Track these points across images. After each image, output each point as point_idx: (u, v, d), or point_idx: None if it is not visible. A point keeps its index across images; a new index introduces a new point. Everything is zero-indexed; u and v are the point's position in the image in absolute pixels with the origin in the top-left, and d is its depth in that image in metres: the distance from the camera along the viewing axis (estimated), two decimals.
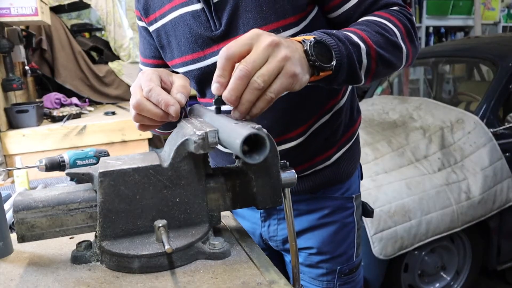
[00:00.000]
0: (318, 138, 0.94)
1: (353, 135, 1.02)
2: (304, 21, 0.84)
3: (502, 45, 2.81)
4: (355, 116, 1.03)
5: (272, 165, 0.64)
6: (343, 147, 0.99)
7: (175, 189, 0.63)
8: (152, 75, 0.75)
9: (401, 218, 2.00)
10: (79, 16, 4.15)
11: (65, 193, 0.63)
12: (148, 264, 0.59)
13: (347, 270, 1.03)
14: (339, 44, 0.70)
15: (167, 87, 0.77)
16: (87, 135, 2.52)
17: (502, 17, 6.23)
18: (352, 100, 1.02)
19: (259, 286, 0.55)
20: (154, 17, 0.94)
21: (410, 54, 0.84)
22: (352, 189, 1.03)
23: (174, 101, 0.71)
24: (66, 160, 1.14)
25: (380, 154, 2.26)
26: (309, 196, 0.99)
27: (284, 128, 0.91)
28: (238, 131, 0.54)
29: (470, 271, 2.38)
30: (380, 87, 3.40)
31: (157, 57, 1.02)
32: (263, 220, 1.03)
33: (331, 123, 0.95)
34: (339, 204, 1.00)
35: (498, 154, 2.27)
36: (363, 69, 0.75)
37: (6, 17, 2.32)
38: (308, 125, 0.92)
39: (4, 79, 2.43)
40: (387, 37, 0.78)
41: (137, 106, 0.73)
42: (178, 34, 0.89)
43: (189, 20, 0.86)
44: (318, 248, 1.01)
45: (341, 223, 1.01)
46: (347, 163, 1.00)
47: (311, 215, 1.00)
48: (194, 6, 0.85)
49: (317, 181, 0.97)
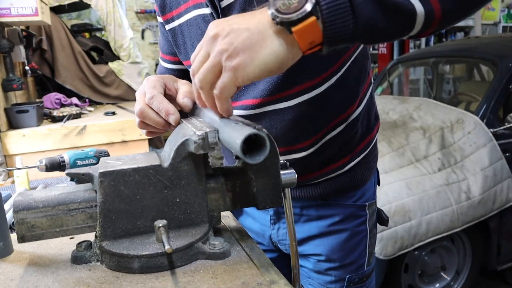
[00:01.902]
0: (330, 148, 0.90)
1: (370, 142, 0.97)
2: None
3: (502, 45, 2.82)
4: (372, 123, 0.98)
5: (272, 165, 0.64)
6: (359, 156, 0.94)
7: (175, 189, 0.63)
8: (156, 82, 0.75)
9: (401, 218, 2.00)
10: (79, 16, 4.16)
11: (65, 193, 0.63)
12: (148, 264, 0.59)
13: (357, 279, 0.99)
14: None
15: (172, 93, 0.77)
16: (87, 135, 2.52)
17: (502, 17, 6.23)
18: (369, 108, 0.96)
19: (259, 286, 0.55)
20: (171, 16, 0.92)
21: None
22: (366, 196, 0.98)
23: (174, 110, 0.72)
24: (66, 160, 1.14)
25: (380, 154, 2.24)
26: (319, 202, 0.95)
27: (294, 138, 0.87)
28: (238, 131, 0.54)
29: (470, 271, 2.38)
30: (380, 87, 3.40)
31: (175, 53, 1.00)
32: (272, 223, 1.01)
33: (345, 133, 0.90)
34: (350, 212, 0.96)
35: (498, 154, 2.27)
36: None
37: (6, 17, 2.32)
38: (319, 136, 0.88)
39: (4, 79, 2.43)
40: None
41: (140, 114, 0.74)
42: (192, 36, 0.88)
43: (200, 23, 0.86)
44: (326, 255, 0.97)
45: (352, 231, 0.97)
46: (361, 171, 0.96)
47: (321, 221, 0.96)
48: (204, 10, 0.84)
49: (329, 189, 0.93)
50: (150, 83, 0.75)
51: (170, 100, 0.75)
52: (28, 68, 2.82)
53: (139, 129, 0.81)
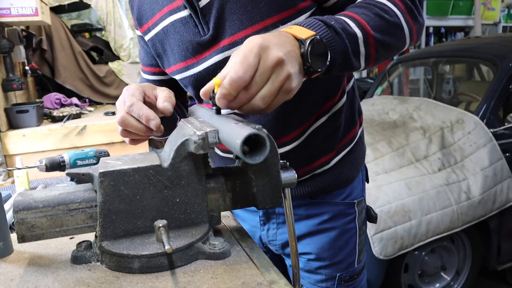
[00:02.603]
0: (315, 142, 0.92)
1: (354, 137, 0.99)
2: (297, 19, 0.81)
3: (502, 45, 2.81)
4: (356, 117, 0.99)
5: (272, 165, 0.64)
6: (343, 151, 0.96)
7: (175, 189, 0.63)
8: (135, 90, 0.78)
9: (401, 218, 2.00)
10: (79, 16, 4.15)
11: (65, 193, 0.63)
12: (148, 264, 0.59)
13: (348, 277, 1.00)
14: (335, 38, 0.69)
15: (152, 100, 0.79)
16: (87, 135, 2.52)
17: (502, 17, 6.23)
18: (352, 101, 0.98)
19: (259, 286, 0.55)
20: (147, 27, 0.94)
21: (414, 33, 0.80)
22: (354, 194, 0.99)
23: (154, 115, 0.74)
24: (66, 160, 1.14)
25: (380, 154, 2.26)
26: (308, 201, 0.97)
27: (279, 132, 0.89)
28: (238, 131, 0.54)
29: (470, 271, 2.38)
30: (380, 87, 3.40)
31: (155, 65, 1.02)
32: (262, 224, 1.02)
33: (328, 125, 0.92)
34: (339, 210, 0.97)
35: (498, 154, 2.27)
36: (361, 56, 0.74)
37: (6, 17, 2.32)
38: (303, 128, 0.90)
39: (4, 79, 2.43)
40: (386, 19, 0.75)
41: (122, 122, 0.76)
42: (171, 42, 0.89)
43: (179, 27, 0.86)
44: (316, 254, 0.98)
45: (341, 229, 0.98)
46: (348, 168, 0.97)
47: (310, 220, 0.97)
48: (182, 13, 0.85)
49: (316, 186, 0.95)
50: (129, 92, 0.78)
51: (150, 107, 0.76)
52: (28, 68, 2.82)
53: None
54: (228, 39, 0.82)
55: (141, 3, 0.94)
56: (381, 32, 0.74)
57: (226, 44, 0.83)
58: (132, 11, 0.97)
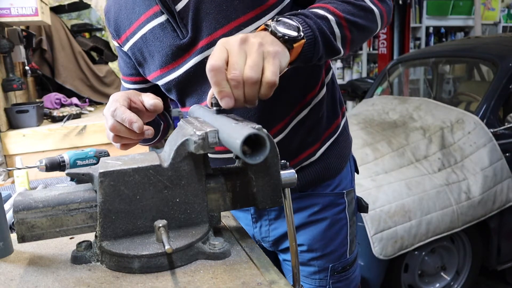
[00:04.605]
0: (299, 134, 0.94)
1: (337, 128, 1.01)
2: (269, 14, 0.84)
3: (502, 45, 2.81)
4: (337, 109, 1.02)
5: (272, 165, 0.64)
6: (327, 141, 0.98)
7: (175, 189, 0.63)
8: (119, 97, 0.80)
9: (401, 218, 2.00)
10: (79, 16, 4.15)
11: (65, 193, 0.63)
12: (148, 264, 0.59)
13: (340, 267, 1.02)
14: (306, 20, 0.72)
15: (138, 106, 0.82)
16: (87, 135, 2.52)
17: (502, 17, 6.24)
18: (333, 93, 1.00)
19: (259, 286, 0.56)
20: (126, 37, 0.95)
21: (384, 14, 0.85)
22: (343, 184, 1.02)
23: (137, 118, 0.76)
24: (66, 160, 1.14)
25: (380, 154, 2.26)
26: (298, 194, 0.98)
27: (263, 126, 0.90)
28: (238, 131, 0.54)
29: (470, 271, 2.38)
30: (380, 87, 3.40)
31: (135, 74, 1.03)
32: (254, 221, 1.03)
33: (311, 117, 0.94)
34: (329, 201, 0.99)
35: (498, 154, 2.28)
36: (338, 39, 0.76)
37: (6, 17, 2.32)
38: (286, 121, 0.92)
39: (4, 79, 2.43)
40: (353, 3, 0.79)
41: (113, 128, 0.78)
42: (151, 49, 0.90)
43: (158, 33, 0.88)
44: (308, 245, 1.00)
45: (332, 220, 1.00)
46: (334, 158, 0.99)
47: (301, 213, 0.99)
48: (160, 19, 0.86)
49: (305, 179, 0.97)
50: (113, 98, 0.80)
51: (136, 112, 0.79)
52: (28, 68, 2.82)
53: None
54: (206, 40, 0.84)
55: (118, 14, 0.95)
56: (352, 15, 0.77)
57: (204, 45, 0.85)
58: (109, 23, 0.98)
